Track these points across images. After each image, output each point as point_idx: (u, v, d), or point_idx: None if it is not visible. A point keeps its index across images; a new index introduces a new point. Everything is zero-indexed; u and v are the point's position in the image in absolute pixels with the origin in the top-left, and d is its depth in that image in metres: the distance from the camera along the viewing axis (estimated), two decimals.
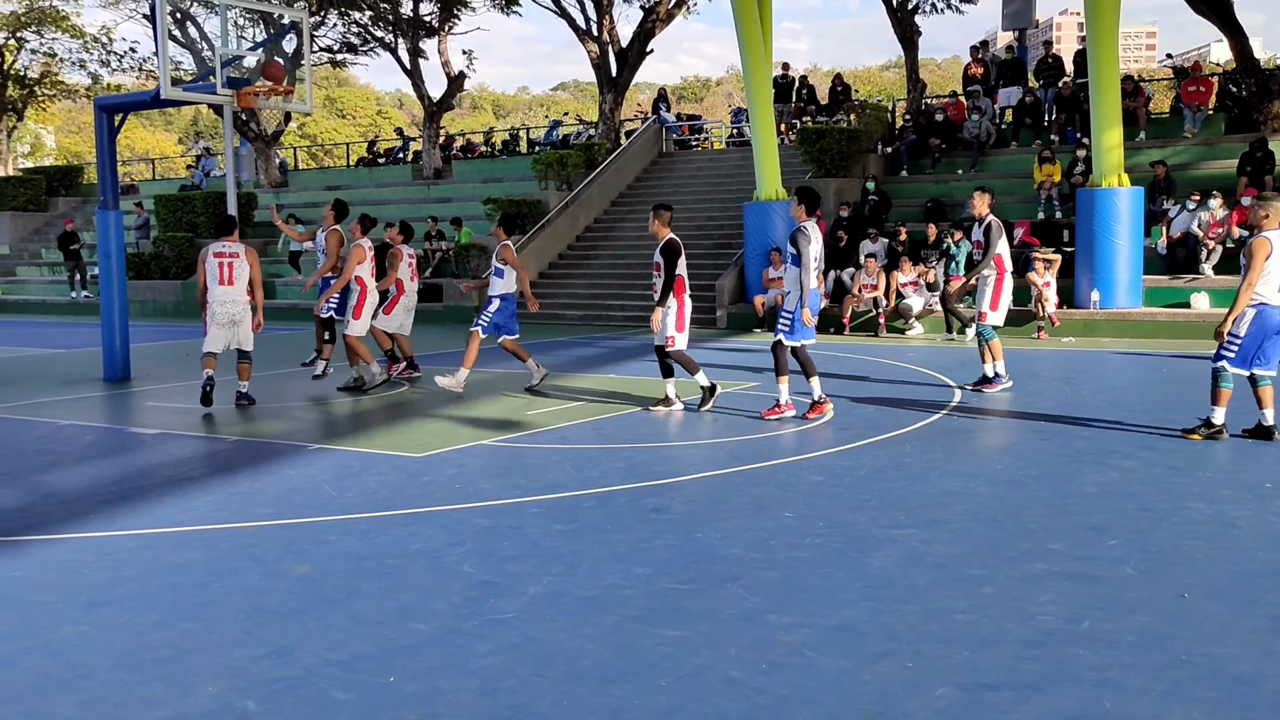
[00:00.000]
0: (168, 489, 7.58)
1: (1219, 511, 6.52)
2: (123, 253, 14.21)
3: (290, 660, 4.43)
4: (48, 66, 42.78)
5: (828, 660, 4.33)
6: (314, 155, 63.03)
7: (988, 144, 23.43)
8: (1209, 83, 22.59)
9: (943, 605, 4.95)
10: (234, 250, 11.26)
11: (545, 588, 5.29)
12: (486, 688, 4.13)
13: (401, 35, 32.55)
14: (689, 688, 4.09)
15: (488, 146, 38.23)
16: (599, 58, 30.49)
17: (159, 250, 29.50)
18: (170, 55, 12.71)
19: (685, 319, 10.50)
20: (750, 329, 19.80)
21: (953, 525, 6.32)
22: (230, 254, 11.24)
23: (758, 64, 21.13)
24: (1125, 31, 42.68)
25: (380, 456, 8.59)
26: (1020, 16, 26.91)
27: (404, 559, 5.82)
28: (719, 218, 24.73)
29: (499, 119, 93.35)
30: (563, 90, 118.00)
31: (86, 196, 36.93)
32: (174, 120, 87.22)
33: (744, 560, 5.69)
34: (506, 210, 13.18)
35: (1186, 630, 4.59)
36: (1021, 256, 18.47)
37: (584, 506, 6.90)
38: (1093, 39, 17.69)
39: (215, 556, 5.92)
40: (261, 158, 34.32)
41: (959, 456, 8.26)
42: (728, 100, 76.59)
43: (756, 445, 8.81)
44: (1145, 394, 11.37)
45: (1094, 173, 17.99)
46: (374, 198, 31.15)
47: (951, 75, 65.39)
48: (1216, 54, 69.71)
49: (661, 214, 10.63)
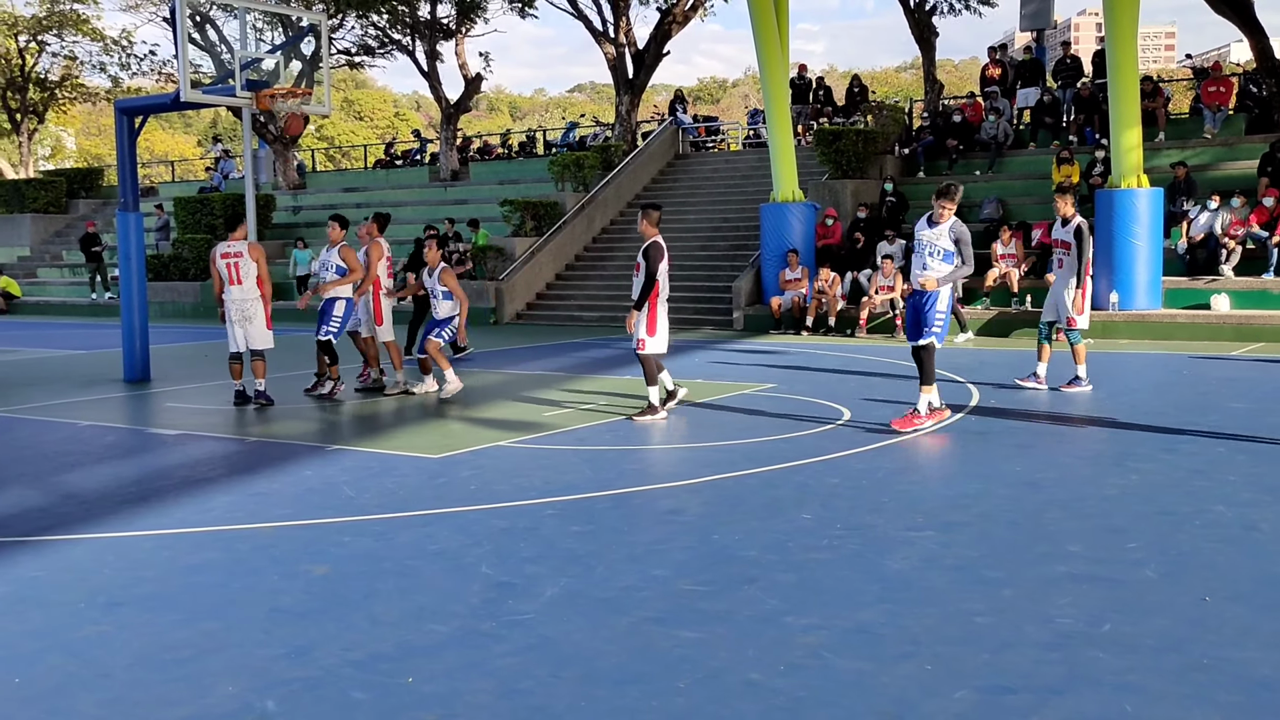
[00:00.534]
0: (187, 490, 7.62)
1: (1241, 514, 6.47)
2: (143, 254, 14.30)
3: (309, 660, 4.44)
4: (68, 70, 43.08)
5: (846, 662, 4.32)
6: (332, 157, 63.28)
7: (1005, 145, 23.34)
8: (1229, 83, 22.44)
9: (961, 607, 4.93)
10: (237, 249, 11.36)
11: (562, 589, 5.29)
12: (504, 688, 4.13)
13: (419, 38, 32.65)
14: (707, 689, 4.08)
15: (505, 148, 38.29)
16: (615, 59, 30.51)
17: (178, 252, 29.66)
18: (190, 58, 12.78)
19: (657, 323, 10.15)
20: (766, 330, 19.78)
21: (971, 527, 6.29)
22: (235, 253, 11.35)
23: (774, 65, 21.11)
24: (1144, 32, 42.44)
25: (398, 458, 8.61)
26: (1038, 17, 26.80)
27: (421, 560, 5.84)
28: (735, 219, 24.71)
29: (516, 121, 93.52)
30: (579, 92, 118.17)
31: (107, 199, 37.16)
32: (193, 122, 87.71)
33: (761, 562, 5.68)
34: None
35: (1208, 634, 4.56)
36: (1046, 257, 18.41)
37: (601, 508, 6.90)
38: (1111, 39, 17.60)
39: (234, 557, 5.95)
40: (280, 160, 34.47)
41: (976, 458, 8.23)
42: (744, 102, 76.53)
43: (773, 447, 8.80)
44: (1164, 396, 11.30)
45: (1113, 174, 17.90)
46: (391, 199, 31.27)
47: (969, 76, 65.16)
48: (1236, 54, 69.27)
49: (650, 214, 10.24)
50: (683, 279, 22.98)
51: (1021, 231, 19.09)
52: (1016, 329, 17.86)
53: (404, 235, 27.46)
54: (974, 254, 19.69)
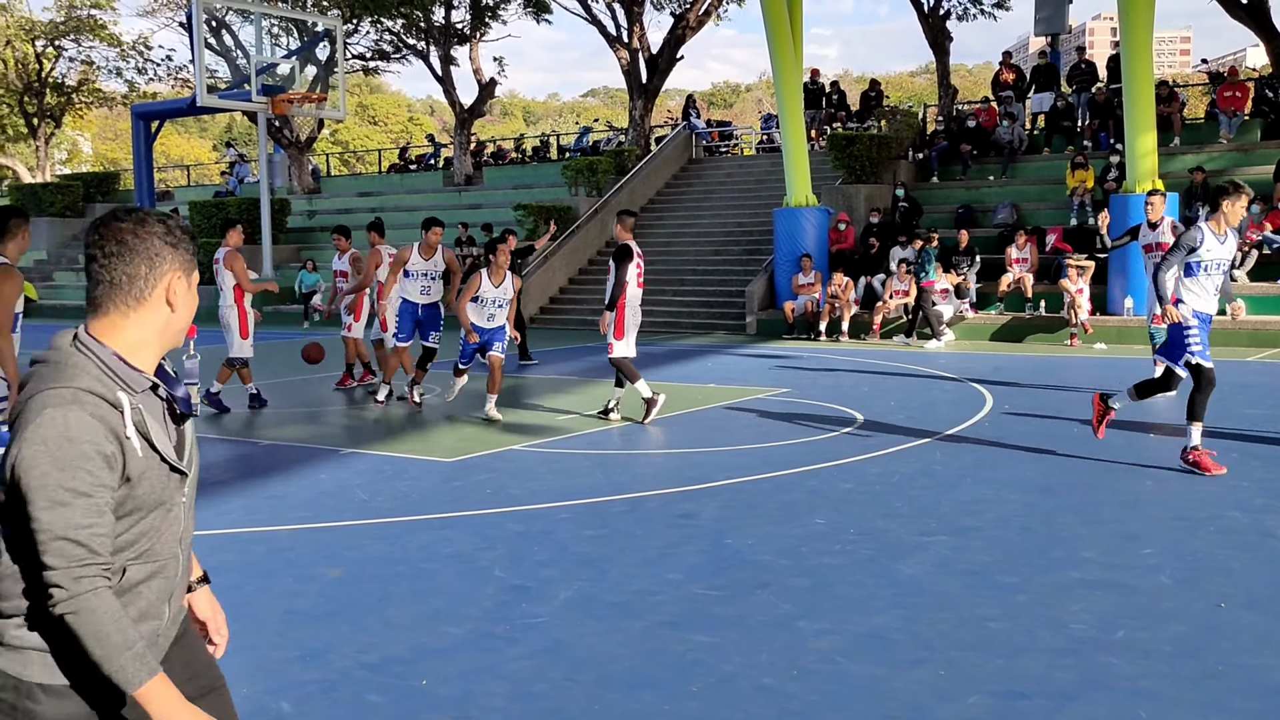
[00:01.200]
0: (202, 492, 7.65)
1: (1255, 520, 6.45)
2: None
3: (324, 663, 4.46)
4: (85, 74, 43.34)
5: (859, 667, 4.32)
6: (346, 162, 63.46)
7: (1020, 150, 23.30)
8: (1245, 88, 22.36)
9: (975, 613, 4.93)
10: (219, 255, 11.45)
11: (576, 592, 5.31)
12: (518, 691, 4.15)
13: (433, 43, 32.75)
14: (720, 694, 4.09)
15: (518, 153, 38.37)
16: (629, 64, 30.56)
17: (195, 255, 29.81)
18: (206, 63, 12.87)
19: (624, 326, 10.28)
20: (779, 335, 19.76)
21: (984, 533, 6.28)
22: (217, 259, 11.45)
23: (788, 70, 21.11)
24: (1159, 36, 42.27)
25: (412, 461, 8.64)
26: (1053, 22, 26.73)
27: (435, 563, 5.86)
28: (749, 224, 24.71)
29: (529, 125, 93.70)
30: (593, 96, 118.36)
31: (123, 203, 37.36)
32: (208, 127, 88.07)
33: (774, 567, 5.69)
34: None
35: (1223, 640, 4.55)
36: (1054, 263, 18.37)
37: (614, 512, 6.91)
38: (1126, 44, 17.55)
39: (249, 559, 5.98)
40: (294, 164, 34.61)
41: (990, 463, 8.22)
42: (758, 106, 76.55)
43: (787, 452, 8.80)
44: (1179, 402, 11.24)
45: (1127, 179, 17.85)
46: (405, 204, 31.34)
47: (983, 81, 65.04)
48: (1253, 59, 68.99)
49: (624, 220, 10.49)
50: (696, 283, 22.99)
51: (1035, 236, 19.05)
52: (1029, 334, 17.82)
53: (419, 239, 27.54)
54: (988, 259, 19.71)
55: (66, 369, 2.08)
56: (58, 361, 2.10)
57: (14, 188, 39.01)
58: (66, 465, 2.00)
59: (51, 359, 2.12)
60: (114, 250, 2.18)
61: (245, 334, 11.40)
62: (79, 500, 2.01)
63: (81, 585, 2.01)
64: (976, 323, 18.45)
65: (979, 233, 20.33)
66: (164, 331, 2.24)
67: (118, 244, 2.18)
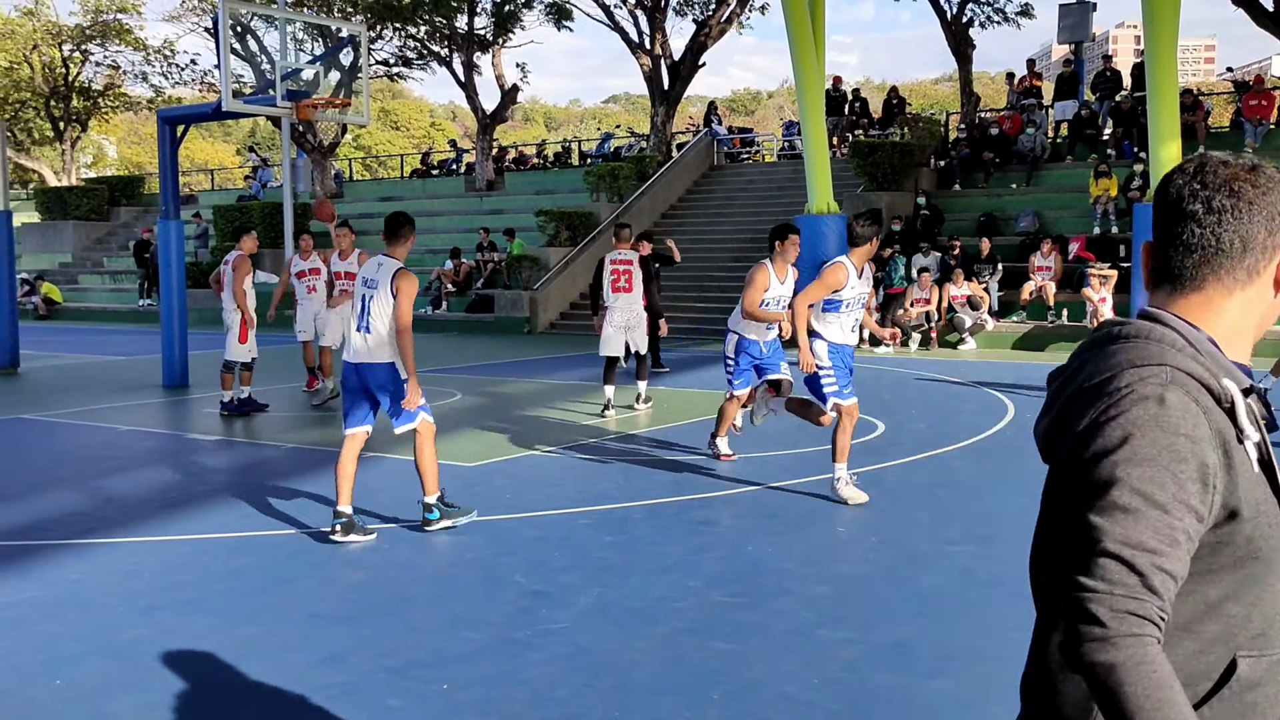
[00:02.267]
0: (224, 495, 7.69)
1: None
2: (183, 262, 14.47)
3: (345, 666, 4.47)
4: (111, 79, 43.71)
5: (881, 677, 4.30)
6: (369, 167, 63.74)
7: (1042, 158, 23.20)
8: (1271, 96, 22.20)
9: (997, 622, 4.89)
10: (229, 258, 11.47)
11: (596, 598, 5.30)
12: (539, 697, 4.14)
13: (456, 49, 32.88)
14: (741, 702, 4.08)
15: (540, 159, 38.45)
16: (651, 71, 30.59)
17: (217, 260, 30.00)
18: (231, 68, 12.94)
19: (603, 327, 11.34)
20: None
21: (1006, 542, 6.24)
22: (228, 260, 11.48)
23: (810, 77, 21.08)
24: (1183, 44, 42.07)
25: None
26: (1077, 30, 26.63)
27: (456, 568, 5.86)
28: (770, 230, 24.67)
29: (551, 131, 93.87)
30: (614, 103, 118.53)
31: (147, 206, 37.59)
32: (232, 131, 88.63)
33: (795, 574, 5.67)
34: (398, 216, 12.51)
35: None
36: (1076, 272, 18.27)
37: (634, 518, 6.91)
38: (1150, 52, 17.46)
39: (271, 562, 6.00)
40: (318, 169, 34.79)
41: (1012, 472, 8.17)
42: (779, 113, 76.50)
43: (807, 459, 8.77)
44: None
45: (1151, 187, 17.75)
46: (427, 209, 31.45)
47: (1005, 89, 64.81)
48: (1278, 67, 68.57)
49: (619, 233, 11.47)
50: (717, 289, 22.97)
51: (1059, 245, 18.96)
52: (1052, 342, 17.72)
53: (440, 245, 27.65)
54: (1010, 268, 19.59)
55: (1151, 344, 1.57)
56: (1134, 335, 1.60)
57: (39, 191, 39.33)
58: (1149, 460, 1.47)
59: (1124, 333, 1.62)
60: (1225, 204, 1.60)
61: (244, 338, 11.35)
62: (1151, 512, 1.46)
63: (1126, 625, 1.43)
64: (998, 331, 18.36)
65: (1001, 241, 20.24)
66: (1264, 321, 1.68)
67: (1231, 196, 1.60)
